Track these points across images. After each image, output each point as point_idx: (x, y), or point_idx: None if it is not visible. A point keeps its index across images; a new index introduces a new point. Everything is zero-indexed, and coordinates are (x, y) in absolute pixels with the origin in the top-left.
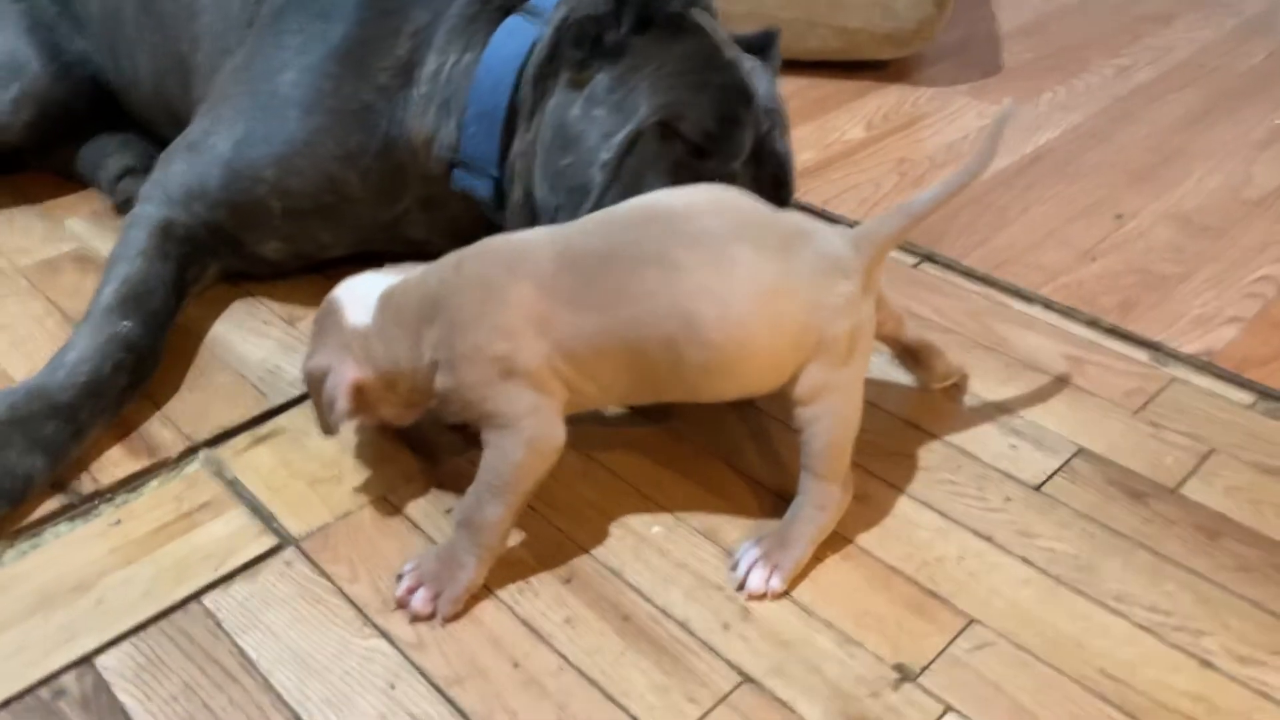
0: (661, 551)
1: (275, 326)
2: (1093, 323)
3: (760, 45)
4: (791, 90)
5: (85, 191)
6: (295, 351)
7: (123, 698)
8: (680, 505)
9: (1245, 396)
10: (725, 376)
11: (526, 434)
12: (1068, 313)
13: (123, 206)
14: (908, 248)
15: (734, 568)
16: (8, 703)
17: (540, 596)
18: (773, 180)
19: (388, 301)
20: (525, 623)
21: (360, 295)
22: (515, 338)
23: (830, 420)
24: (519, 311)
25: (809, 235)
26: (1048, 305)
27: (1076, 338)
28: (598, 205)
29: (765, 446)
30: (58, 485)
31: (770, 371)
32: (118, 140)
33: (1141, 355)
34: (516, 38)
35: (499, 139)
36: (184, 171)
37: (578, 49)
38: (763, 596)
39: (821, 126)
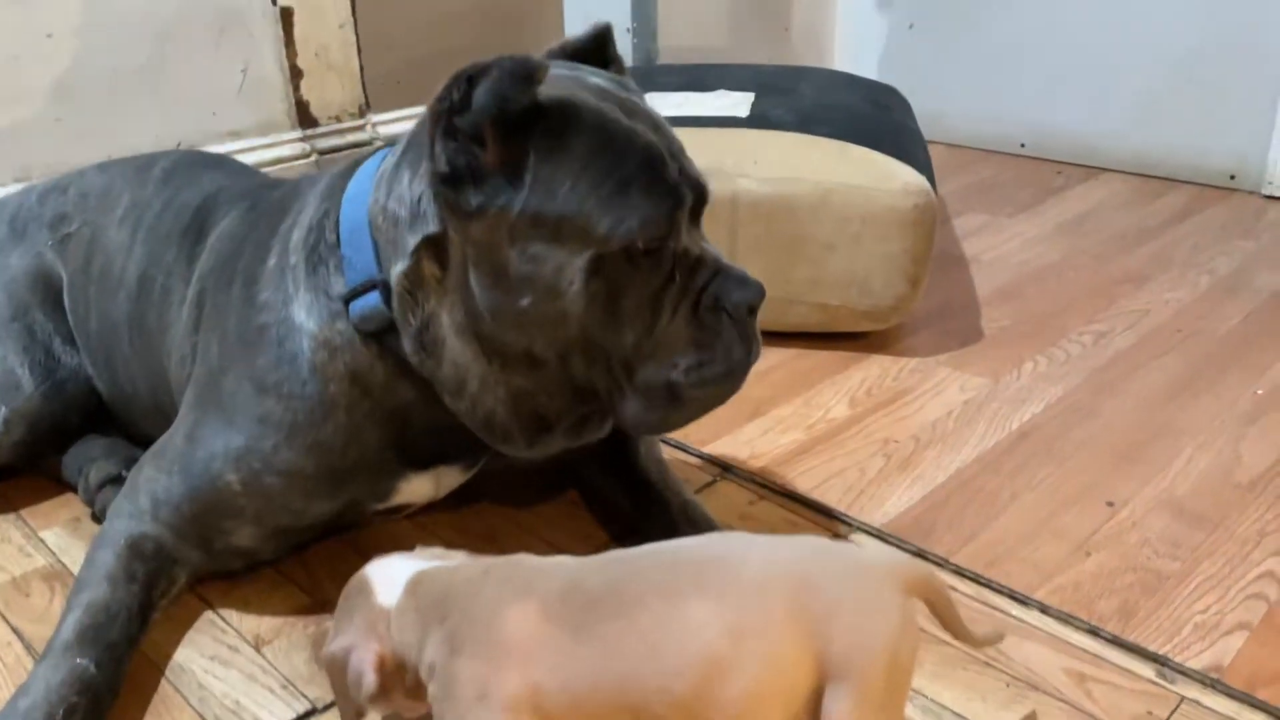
0: None
1: (241, 653)
2: (1093, 632)
3: (594, 46)
4: (777, 362)
5: (65, 496)
6: (258, 683)
7: None
8: None
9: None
10: None
11: None
12: (1066, 619)
13: (101, 515)
14: (896, 542)
15: None
16: None
17: None
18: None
19: (415, 586)
20: None
21: (391, 575)
22: (502, 665)
23: None
24: (515, 637)
25: (836, 576)
26: (1044, 610)
27: (1078, 649)
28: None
29: None
30: None
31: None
32: (103, 446)
33: (1148, 671)
34: (369, 168)
35: (371, 243)
36: (150, 479)
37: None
38: None
39: (807, 403)
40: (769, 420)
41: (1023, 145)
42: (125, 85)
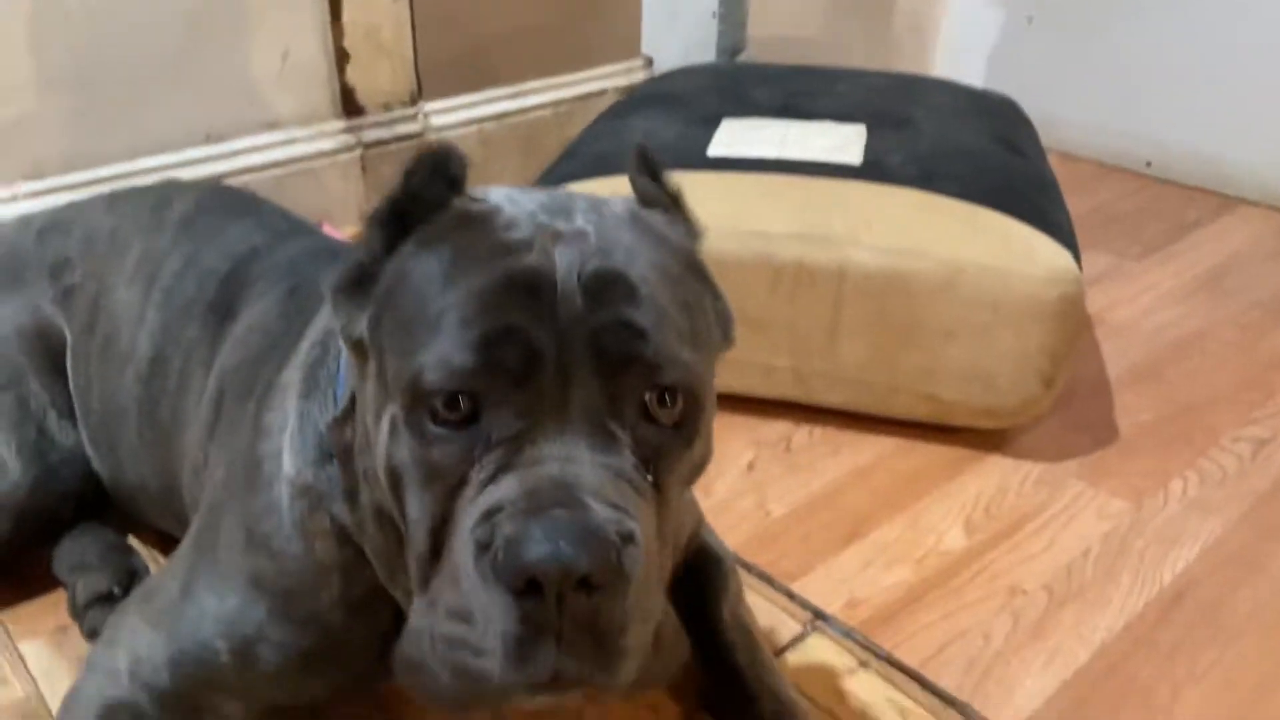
0: None
1: None
2: None
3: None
4: (874, 458)
5: (55, 595)
6: None
7: None
8: None
9: None
10: None
11: None
12: None
13: (90, 636)
14: None
15: None
16: None
17: None
18: (614, 363)
19: None
20: None
21: None
22: None
23: None
24: None
25: None
26: None
27: None
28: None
29: None
30: None
31: None
32: (98, 549)
33: None
34: None
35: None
36: (134, 631)
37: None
38: None
39: (914, 524)
40: (870, 547)
41: (1149, 164)
42: (151, 72)
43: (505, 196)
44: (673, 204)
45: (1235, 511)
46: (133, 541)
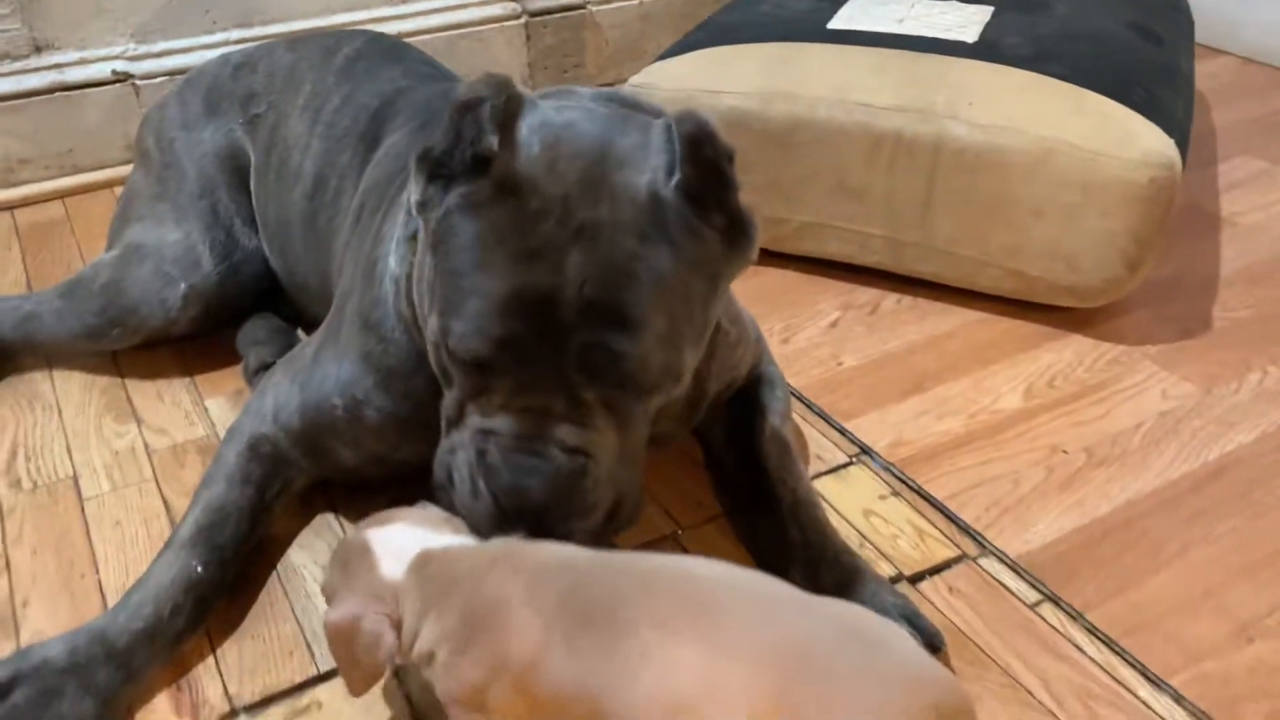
0: None
1: None
2: None
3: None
4: (955, 326)
5: (235, 365)
6: None
7: None
8: None
9: None
10: None
11: None
12: (1199, 715)
13: None
14: (1030, 579)
15: None
16: None
17: None
18: (599, 380)
19: (421, 565)
20: None
21: (396, 548)
22: (505, 668)
23: None
24: (517, 642)
25: (846, 672)
26: (1178, 700)
27: None
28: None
29: None
30: None
31: None
32: (269, 329)
33: None
34: None
35: None
36: (277, 385)
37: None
38: None
39: (976, 386)
40: (929, 399)
41: None
42: None
43: (547, 162)
44: (721, 193)
45: None
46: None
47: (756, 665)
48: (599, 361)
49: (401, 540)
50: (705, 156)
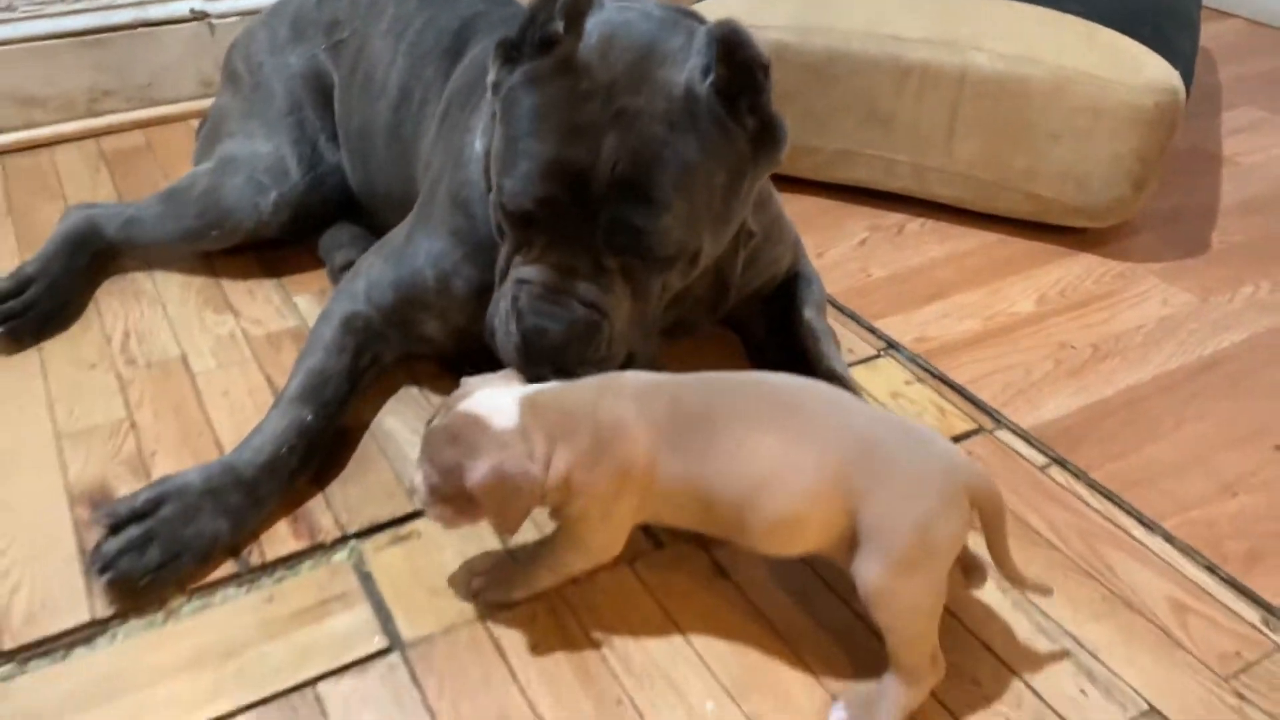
0: None
1: None
2: (1211, 569)
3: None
4: (975, 245)
5: (320, 269)
6: None
7: None
8: (736, 678)
9: None
10: (781, 541)
11: (600, 541)
12: (1187, 551)
13: None
14: (1039, 447)
15: None
16: None
17: None
18: (621, 250)
19: (531, 407)
20: None
21: (497, 405)
22: (631, 472)
23: (900, 624)
24: (638, 449)
25: (896, 454)
26: (1168, 539)
27: (1189, 581)
28: None
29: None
30: (233, 551)
31: (825, 543)
32: (350, 234)
33: (1253, 615)
34: None
35: None
36: (370, 265)
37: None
38: None
39: (992, 294)
40: (949, 304)
41: None
42: None
43: (601, 51)
44: (753, 95)
45: None
46: None
47: (825, 447)
48: (622, 233)
49: (496, 399)
50: (738, 59)
